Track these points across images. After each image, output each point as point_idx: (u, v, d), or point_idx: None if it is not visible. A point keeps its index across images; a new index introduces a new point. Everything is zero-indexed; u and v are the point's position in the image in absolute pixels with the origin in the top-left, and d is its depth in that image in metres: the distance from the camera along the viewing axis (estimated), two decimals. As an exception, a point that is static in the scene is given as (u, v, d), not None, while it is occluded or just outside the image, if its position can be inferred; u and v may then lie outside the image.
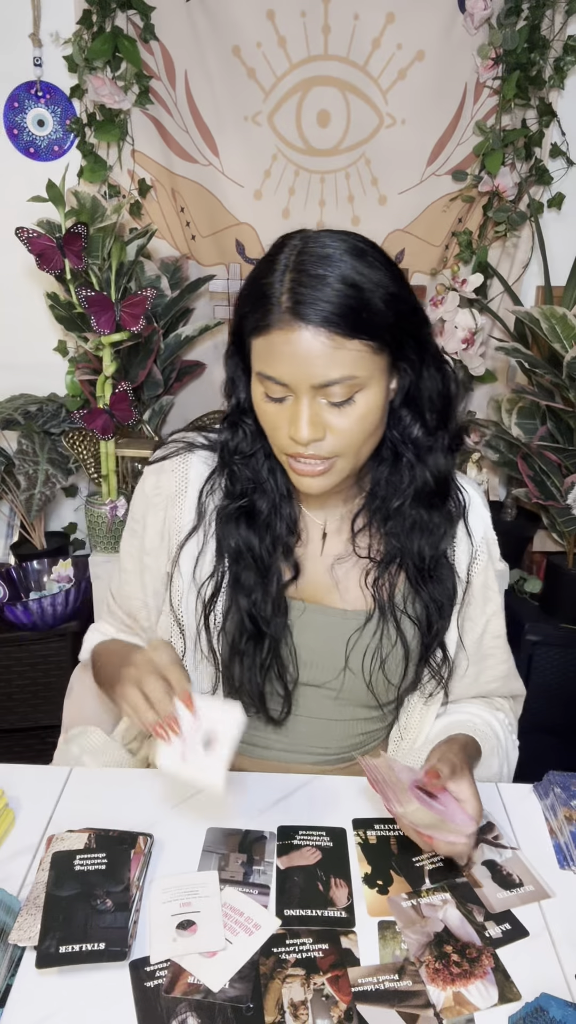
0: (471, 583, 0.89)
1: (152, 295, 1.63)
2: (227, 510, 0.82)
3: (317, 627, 0.85)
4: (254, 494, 0.82)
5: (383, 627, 0.85)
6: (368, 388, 0.71)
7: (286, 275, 0.69)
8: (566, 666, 1.75)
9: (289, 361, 0.68)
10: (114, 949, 0.62)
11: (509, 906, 0.71)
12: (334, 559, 0.86)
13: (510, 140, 1.81)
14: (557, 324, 1.60)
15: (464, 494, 0.88)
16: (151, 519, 0.87)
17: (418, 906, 0.70)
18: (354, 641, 0.85)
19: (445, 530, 0.84)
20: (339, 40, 1.78)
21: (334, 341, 0.67)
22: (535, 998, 0.61)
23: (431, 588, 0.85)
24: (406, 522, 0.82)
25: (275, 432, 0.74)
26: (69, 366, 1.91)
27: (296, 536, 0.84)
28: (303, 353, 0.68)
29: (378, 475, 0.82)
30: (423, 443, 0.80)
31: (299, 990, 0.62)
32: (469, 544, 0.88)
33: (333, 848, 0.76)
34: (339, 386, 0.69)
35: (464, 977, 0.64)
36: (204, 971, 0.63)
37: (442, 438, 0.80)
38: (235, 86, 1.80)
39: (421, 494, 0.81)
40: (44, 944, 0.62)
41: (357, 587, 0.86)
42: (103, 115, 1.77)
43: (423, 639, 0.86)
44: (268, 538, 0.82)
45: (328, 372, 0.68)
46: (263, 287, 0.70)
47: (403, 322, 0.72)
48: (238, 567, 0.82)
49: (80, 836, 0.73)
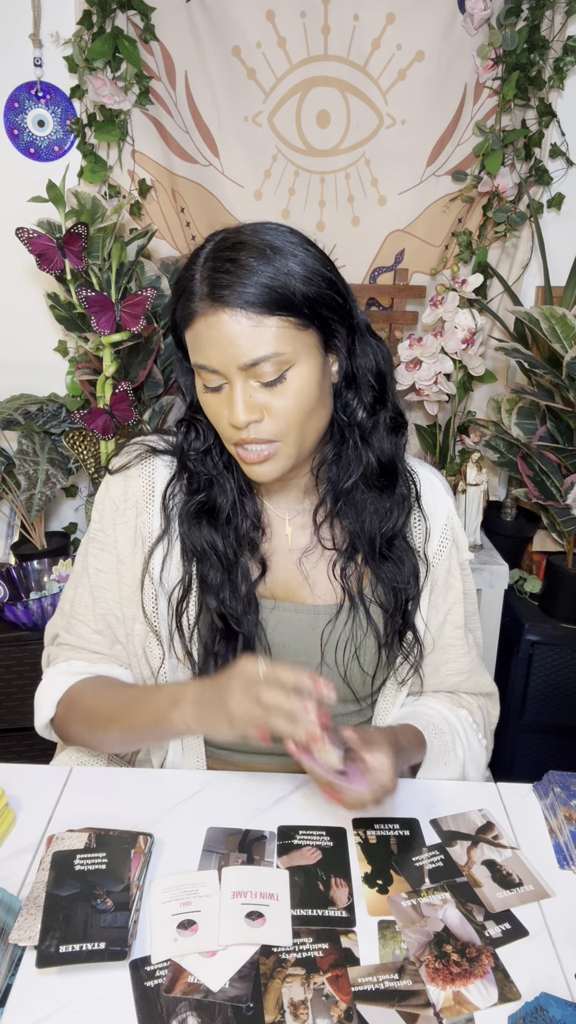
0: (434, 568, 0.89)
1: (152, 295, 1.63)
2: (189, 509, 0.82)
3: (289, 624, 0.85)
4: (212, 490, 0.82)
5: (354, 616, 0.85)
6: (298, 365, 0.72)
7: (204, 265, 0.71)
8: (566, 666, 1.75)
9: (214, 345, 0.70)
10: (114, 949, 0.62)
11: (509, 906, 0.71)
12: (301, 553, 0.86)
13: (510, 140, 1.81)
14: (557, 324, 1.60)
15: (417, 478, 0.88)
16: (122, 527, 0.85)
17: (418, 906, 0.70)
18: (328, 633, 0.85)
19: (397, 513, 0.84)
20: (339, 40, 1.78)
21: (252, 319, 0.69)
22: (535, 998, 0.61)
23: (390, 571, 0.85)
24: (356, 506, 0.83)
25: (218, 422, 0.76)
26: (69, 366, 1.91)
27: (260, 531, 0.85)
28: (225, 335, 0.69)
29: (326, 458, 0.83)
30: (366, 424, 0.80)
31: (299, 990, 0.62)
32: (423, 525, 0.88)
33: (333, 848, 0.76)
34: (267, 363, 0.70)
35: (464, 977, 0.64)
36: (204, 970, 0.63)
37: (383, 418, 0.81)
38: (235, 86, 1.80)
39: (368, 477, 0.82)
40: (44, 944, 0.62)
41: (326, 579, 0.86)
42: (103, 115, 1.77)
43: (392, 623, 0.86)
44: (232, 535, 0.82)
45: (252, 351, 0.70)
46: (185, 280, 0.72)
47: (323, 296, 0.72)
48: (204, 567, 0.82)
49: (80, 836, 0.73)
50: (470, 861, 0.76)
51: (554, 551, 1.93)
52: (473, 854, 0.76)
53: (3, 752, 1.76)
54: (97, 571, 0.87)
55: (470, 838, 0.79)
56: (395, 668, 0.89)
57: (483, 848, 0.78)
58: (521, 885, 0.73)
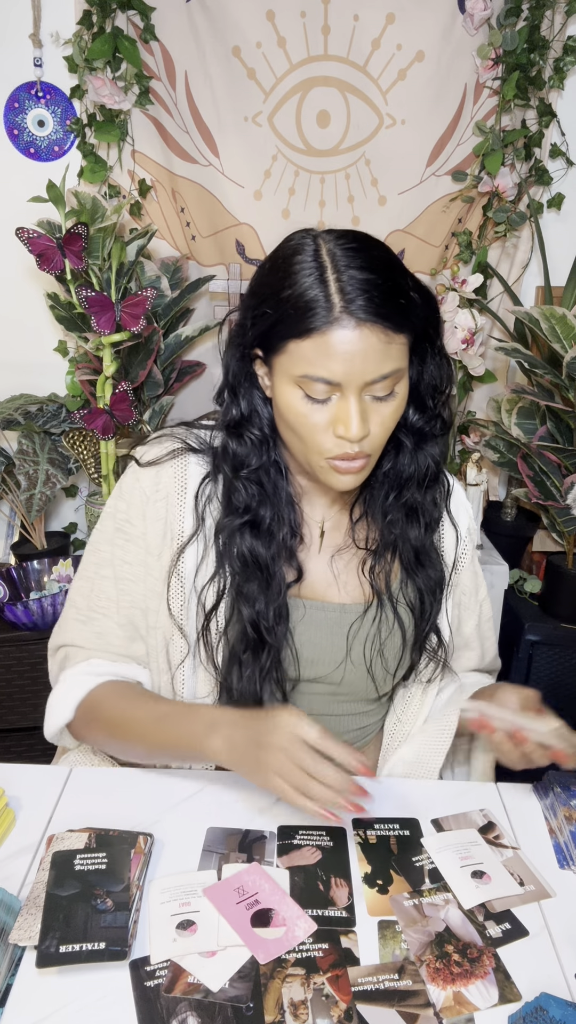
0: (460, 570, 0.92)
1: (152, 295, 1.63)
2: (232, 525, 0.80)
3: (317, 623, 0.85)
4: (260, 508, 0.80)
5: (381, 614, 0.86)
6: (404, 379, 0.74)
7: (327, 274, 0.68)
8: (566, 666, 1.75)
9: (346, 359, 0.68)
10: (114, 948, 0.62)
11: (510, 906, 0.71)
12: (333, 551, 0.86)
13: (510, 140, 1.81)
14: (557, 324, 1.60)
15: (449, 478, 0.91)
16: (153, 518, 0.83)
17: (420, 905, 0.70)
18: (355, 631, 0.86)
19: (436, 514, 0.87)
20: (339, 40, 1.78)
21: (387, 336, 0.69)
22: (535, 997, 0.61)
23: (424, 572, 0.87)
24: (404, 508, 0.84)
25: (315, 435, 0.73)
26: (69, 366, 1.91)
27: (299, 538, 0.84)
28: (360, 350, 0.68)
29: (380, 466, 0.83)
30: (422, 429, 0.82)
31: (299, 990, 0.62)
32: (453, 529, 0.91)
33: (333, 848, 0.76)
34: (388, 380, 0.70)
35: (465, 977, 0.64)
36: (204, 971, 0.63)
37: (436, 423, 0.82)
38: (235, 86, 1.80)
39: (421, 480, 0.83)
40: (44, 944, 0.62)
41: (355, 578, 0.87)
42: (103, 115, 1.77)
43: (417, 624, 0.88)
44: (273, 545, 0.81)
45: (382, 367, 0.69)
46: (303, 290, 0.68)
47: (430, 310, 0.74)
48: (243, 578, 0.80)
49: (80, 836, 0.73)
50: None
51: (554, 551, 1.93)
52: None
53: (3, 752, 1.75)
54: (124, 563, 0.84)
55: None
56: (418, 670, 0.90)
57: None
58: (522, 885, 0.73)
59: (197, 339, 1.91)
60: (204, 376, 2.01)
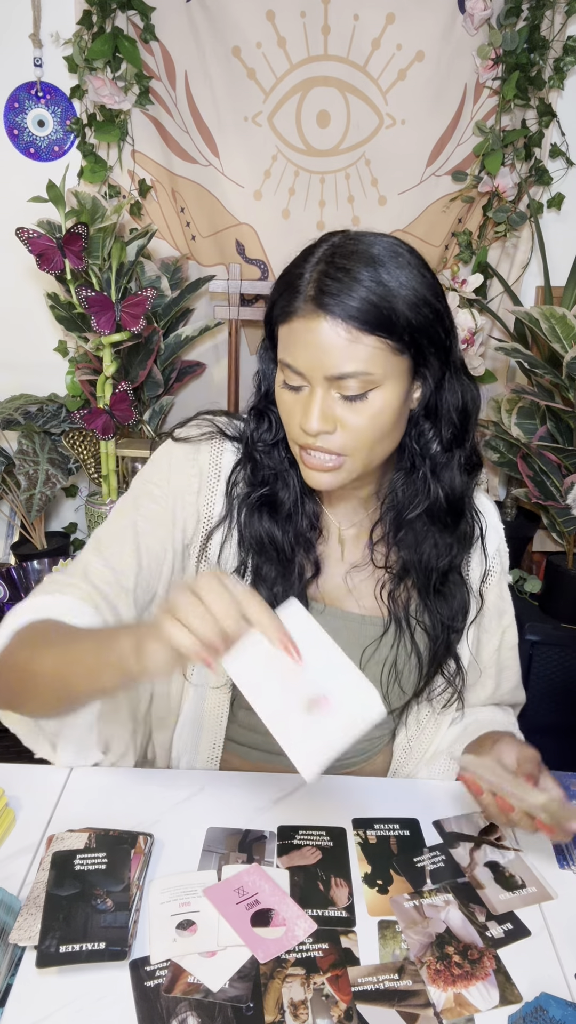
0: (484, 601, 0.90)
1: (152, 295, 1.63)
2: (250, 499, 0.81)
3: (335, 631, 0.84)
4: (276, 484, 0.81)
5: (399, 640, 0.85)
6: (383, 388, 0.71)
7: (317, 266, 0.70)
8: (566, 666, 1.75)
9: (307, 349, 0.69)
10: (114, 949, 0.62)
11: (511, 907, 0.71)
12: (350, 566, 0.85)
13: (510, 140, 1.81)
14: (557, 324, 1.60)
15: (482, 518, 0.87)
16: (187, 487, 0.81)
17: (420, 906, 0.70)
18: (370, 653, 0.85)
19: (457, 550, 0.83)
20: (339, 40, 1.78)
21: (351, 334, 0.68)
22: (535, 998, 0.61)
23: (439, 603, 0.84)
24: (416, 536, 0.82)
25: (289, 420, 0.75)
26: (69, 366, 1.91)
27: (317, 532, 0.84)
28: (320, 343, 0.68)
29: (394, 484, 0.81)
30: (439, 459, 0.79)
31: (299, 990, 0.62)
32: (483, 564, 0.89)
33: (333, 848, 0.76)
34: (353, 380, 0.69)
35: (465, 978, 0.64)
36: (204, 971, 0.63)
37: (458, 456, 0.79)
38: (235, 86, 1.80)
39: (433, 511, 0.80)
40: (44, 944, 0.62)
41: (371, 597, 0.85)
42: (103, 115, 1.77)
43: (435, 651, 0.86)
44: (291, 530, 0.81)
45: (343, 365, 0.69)
46: (294, 276, 0.71)
47: (426, 327, 0.71)
48: (260, 558, 0.81)
49: (80, 836, 0.73)
50: (473, 863, 0.75)
51: (554, 551, 1.93)
52: (476, 855, 0.76)
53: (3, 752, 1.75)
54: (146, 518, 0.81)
55: (473, 840, 0.79)
56: (433, 696, 0.89)
57: (486, 850, 0.77)
58: (524, 887, 0.73)
59: (197, 339, 1.91)
60: (204, 376, 2.01)
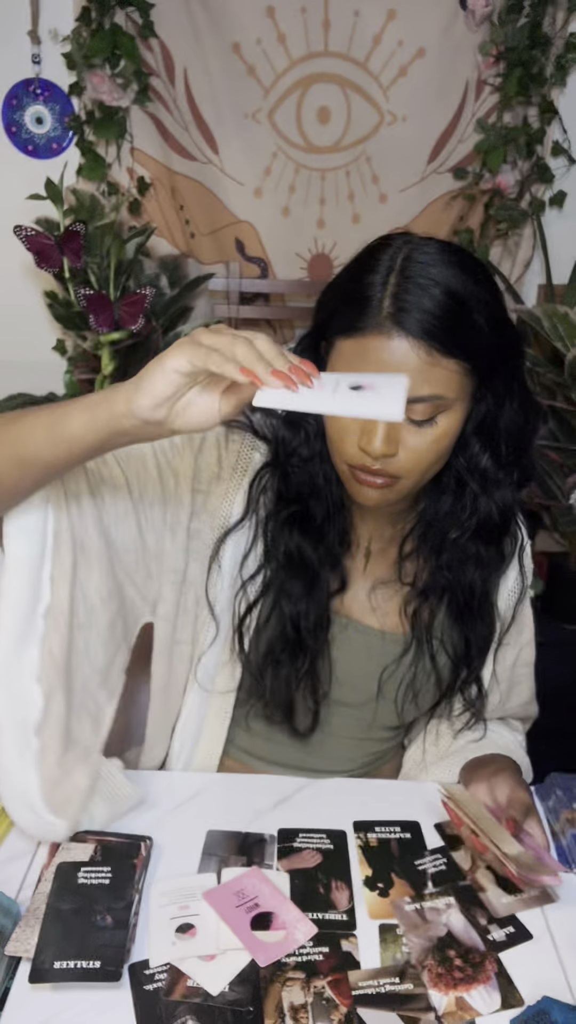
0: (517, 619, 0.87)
1: (151, 293, 1.63)
2: (280, 515, 0.77)
3: (355, 646, 0.83)
4: (309, 499, 0.77)
5: (419, 660, 0.82)
6: (451, 411, 0.67)
7: (390, 278, 0.64)
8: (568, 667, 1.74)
9: (380, 370, 0.64)
10: (109, 968, 0.61)
11: (513, 910, 0.70)
12: (375, 581, 0.83)
13: (511, 138, 1.80)
14: (559, 323, 1.60)
15: (522, 531, 0.84)
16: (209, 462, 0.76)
17: (422, 910, 0.70)
18: (390, 671, 0.83)
19: (498, 566, 0.81)
20: (339, 37, 1.77)
21: (431, 357, 0.64)
22: (537, 1001, 0.60)
23: (474, 623, 0.82)
24: (461, 554, 0.79)
25: (342, 439, 0.69)
26: (67, 365, 1.91)
27: (346, 547, 0.81)
28: (397, 364, 0.64)
29: (438, 504, 0.78)
30: (492, 475, 0.75)
31: (299, 993, 0.61)
32: (520, 582, 0.85)
33: (334, 851, 0.76)
34: (425, 405, 0.65)
35: (467, 982, 0.63)
36: (203, 974, 0.62)
37: (512, 473, 0.76)
38: (235, 83, 1.79)
39: (482, 528, 0.77)
40: (39, 959, 0.61)
41: (395, 613, 0.83)
42: (102, 113, 1.76)
43: (457, 673, 0.84)
44: (321, 547, 0.78)
45: (419, 388, 0.64)
46: (362, 287, 0.65)
47: (501, 348, 0.68)
48: (287, 574, 0.78)
49: (86, 847, 0.72)
50: (475, 865, 0.75)
51: (556, 551, 1.92)
52: (478, 858, 0.76)
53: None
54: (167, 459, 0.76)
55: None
56: (454, 715, 0.87)
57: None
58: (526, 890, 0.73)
59: (197, 337, 1.91)
60: (204, 375, 2.00)
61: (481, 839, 0.71)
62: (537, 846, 0.73)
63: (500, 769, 0.80)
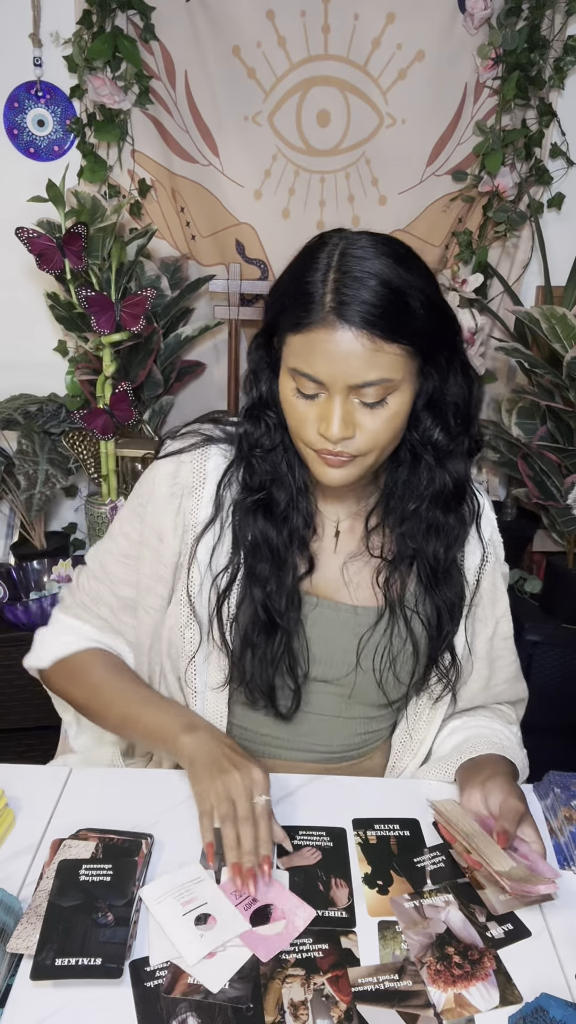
0: (480, 586, 0.90)
1: (152, 295, 1.63)
2: (245, 503, 0.82)
3: (329, 623, 0.85)
4: (272, 487, 0.82)
5: (394, 626, 0.85)
6: (400, 391, 0.72)
7: (329, 274, 0.69)
8: (566, 666, 1.75)
9: (328, 360, 0.69)
10: (110, 966, 0.61)
11: (511, 908, 0.71)
12: (346, 557, 0.86)
13: (510, 140, 1.81)
14: (557, 324, 1.60)
15: (479, 498, 0.89)
16: (165, 508, 0.84)
17: (421, 907, 0.70)
18: (365, 640, 0.85)
19: (459, 533, 0.85)
20: (339, 40, 1.78)
21: (374, 344, 0.68)
22: (535, 998, 0.60)
23: (443, 590, 0.86)
24: (422, 524, 0.83)
25: (302, 427, 0.75)
26: (69, 366, 1.91)
27: (312, 530, 0.84)
28: (343, 353, 0.69)
29: (396, 476, 0.83)
30: (444, 447, 0.80)
31: (299, 990, 0.62)
32: (480, 548, 0.89)
33: (333, 848, 0.76)
34: (374, 388, 0.70)
35: (465, 979, 0.64)
36: (203, 971, 0.63)
37: (463, 443, 0.81)
38: (235, 86, 1.80)
39: (439, 497, 0.82)
40: (40, 955, 0.61)
41: (368, 585, 0.86)
42: (103, 115, 1.77)
43: (432, 640, 0.87)
44: (285, 531, 0.82)
45: (366, 374, 0.69)
46: (305, 284, 0.70)
47: (439, 328, 0.73)
48: (254, 559, 0.82)
49: (88, 845, 0.72)
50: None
51: (554, 551, 1.93)
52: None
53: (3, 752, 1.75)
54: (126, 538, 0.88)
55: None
56: (430, 685, 0.89)
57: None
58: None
59: (197, 339, 1.91)
60: (204, 376, 2.01)
61: (474, 856, 0.72)
62: (531, 854, 0.73)
63: (493, 774, 0.80)
